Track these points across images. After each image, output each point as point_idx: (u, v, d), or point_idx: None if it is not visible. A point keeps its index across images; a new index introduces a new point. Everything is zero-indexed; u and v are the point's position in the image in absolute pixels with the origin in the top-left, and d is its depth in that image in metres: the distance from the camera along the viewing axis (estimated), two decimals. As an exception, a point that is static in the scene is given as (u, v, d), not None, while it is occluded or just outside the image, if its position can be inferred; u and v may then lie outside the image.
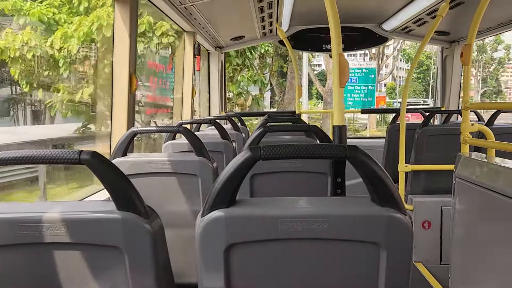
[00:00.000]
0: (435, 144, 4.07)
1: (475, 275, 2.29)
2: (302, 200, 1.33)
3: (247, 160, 1.24)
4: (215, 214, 1.22)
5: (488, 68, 61.75)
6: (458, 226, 2.49)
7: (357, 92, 16.50)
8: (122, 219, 1.20)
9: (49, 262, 1.22)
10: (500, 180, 2.04)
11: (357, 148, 1.25)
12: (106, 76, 7.89)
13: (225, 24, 5.30)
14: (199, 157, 2.43)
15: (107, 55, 7.97)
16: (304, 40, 6.18)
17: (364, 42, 6.20)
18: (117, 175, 1.24)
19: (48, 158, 1.22)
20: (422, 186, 4.11)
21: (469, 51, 2.91)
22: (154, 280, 1.23)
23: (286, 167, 2.42)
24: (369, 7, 5.35)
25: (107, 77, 7.72)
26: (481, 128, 2.86)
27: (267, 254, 1.25)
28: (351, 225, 1.22)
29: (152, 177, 2.41)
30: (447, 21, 5.01)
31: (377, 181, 1.24)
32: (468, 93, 2.91)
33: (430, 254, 3.85)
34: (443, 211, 3.82)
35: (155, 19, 8.61)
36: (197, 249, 1.23)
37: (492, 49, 59.06)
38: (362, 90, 16.47)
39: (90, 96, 8.11)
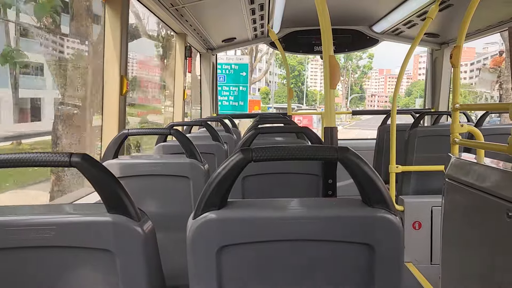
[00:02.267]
0: (425, 145, 4.11)
1: (465, 275, 2.31)
2: (294, 201, 1.33)
3: (238, 162, 1.24)
4: (207, 216, 1.22)
5: (353, 75, 64.71)
6: (448, 226, 2.51)
7: (226, 94, 12.82)
8: (113, 222, 1.20)
9: (39, 266, 1.21)
10: (489, 180, 2.06)
11: (348, 150, 1.25)
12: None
13: (216, 26, 5.30)
14: (191, 159, 2.42)
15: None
16: (295, 42, 6.20)
17: (355, 44, 6.24)
18: (107, 177, 1.23)
19: (38, 161, 1.21)
20: (412, 187, 4.14)
21: (458, 53, 2.94)
22: (145, 283, 1.22)
23: (277, 169, 2.42)
24: (359, 9, 5.38)
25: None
26: (470, 129, 2.89)
27: (259, 255, 1.25)
28: (342, 226, 1.22)
29: (143, 179, 2.39)
30: (437, 23, 5.06)
31: (368, 182, 1.24)
32: (458, 94, 2.94)
33: (421, 254, 3.88)
34: (433, 212, 3.85)
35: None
36: (189, 251, 1.22)
37: (357, 57, 61.31)
38: (232, 91, 12.92)
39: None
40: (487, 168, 2.13)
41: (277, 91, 62.77)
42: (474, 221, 2.20)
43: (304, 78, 62.83)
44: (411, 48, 4.14)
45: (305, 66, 61.52)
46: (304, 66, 61.62)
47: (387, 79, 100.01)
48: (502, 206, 1.88)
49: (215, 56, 6.55)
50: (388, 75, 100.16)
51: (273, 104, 44.64)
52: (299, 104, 52.49)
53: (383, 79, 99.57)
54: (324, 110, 2.56)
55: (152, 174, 2.41)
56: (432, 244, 3.87)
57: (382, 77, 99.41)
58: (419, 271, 3.74)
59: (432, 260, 3.86)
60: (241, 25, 5.14)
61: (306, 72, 62.58)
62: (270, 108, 40.21)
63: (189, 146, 2.45)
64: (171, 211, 2.35)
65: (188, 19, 4.42)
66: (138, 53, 10.01)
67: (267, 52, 29.46)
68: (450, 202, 2.47)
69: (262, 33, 5.84)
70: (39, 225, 1.18)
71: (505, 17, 4.44)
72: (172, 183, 2.39)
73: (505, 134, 2.23)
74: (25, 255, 1.20)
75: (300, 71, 61.33)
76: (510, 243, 1.86)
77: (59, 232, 1.19)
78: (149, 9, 3.73)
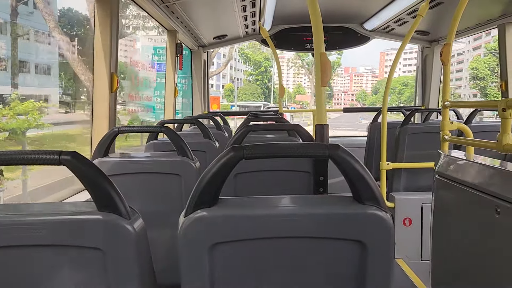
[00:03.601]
0: (415, 142, 4.14)
1: (455, 271, 2.33)
2: (285, 198, 1.33)
3: (230, 160, 1.24)
4: (198, 214, 1.22)
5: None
6: (438, 222, 2.53)
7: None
8: (103, 220, 1.19)
9: (29, 264, 1.20)
10: (478, 177, 2.08)
11: (339, 147, 1.26)
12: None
13: (207, 23, 5.28)
14: (182, 157, 2.41)
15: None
16: (286, 40, 6.20)
17: (346, 41, 6.26)
18: (97, 175, 1.22)
19: (27, 159, 1.20)
20: (403, 184, 4.17)
21: (448, 51, 2.96)
22: (136, 281, 1.22)
23: (269, 166, 2.42)
24: (351, 7, 5.40)
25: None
26: (460, 126, 2.91)
27: (250, 253, 1.25)
28: (333, 223, 1.23)
29: (134, 177, 2.38)
30: (427, 21, 5.09)
31: (359, 179, 1.25)
32: (448, 91, 2.96)
33: (411, 250, 3.91)
34: (424, 208, 3.88)
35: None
36: (180, 249, 1.22)
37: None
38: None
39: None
40: (476, 165, 2.15)
41: (242, 88, 60.87)
42: (464, 218, 2.22)
43: (271, 75, 61.16)
44: (401, 46, 4.16)
45: (271, 62, 59.62)
46: (271, 62, 59.86)
47: (352, 77, 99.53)
48: (491, 202, 1.90)
49: (207, 54, 6.54)
50: (353, 73, 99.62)
51: (236, 102, 43.28)
52: (266, 102, 50.96)
53: (349, 77, 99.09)
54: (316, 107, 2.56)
55: (142, 172, 2.40)
56: (422, 241, 3.91)
57: (348, 75, 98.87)
58: (409, 267, 3.78)
59: (423, 256, 3.89)
60: (232, 22, 5.13)
61: (273, 69, 60.57)
62: (233, 106, 38.76)
63: (180, 143, 2.44)
64: (162, 209, 2.34)
65: (179, 15, 4.39)
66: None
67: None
68: (440, 199, 2.49)
69: (254, 30, 5.83)
70: (28, 224, 1.17)
71: (494, 15, 4.48)
72: (163, 181, 2.38)
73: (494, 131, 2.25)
74: (14, 253, 1.19)
75: (266, 68, 59.90)
76: (499, 239, 1.88)
77: (49, 231, 1.18)
78: (140, 6, 3.71)
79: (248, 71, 61.87)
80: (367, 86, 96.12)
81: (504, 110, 1.98)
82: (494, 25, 4.64)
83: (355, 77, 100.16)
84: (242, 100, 51.73)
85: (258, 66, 58.52)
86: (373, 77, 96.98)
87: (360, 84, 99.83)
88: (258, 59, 58.03)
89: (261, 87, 59.20)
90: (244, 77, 64.01)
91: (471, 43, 58.79)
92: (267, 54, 57.24)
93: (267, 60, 59.18)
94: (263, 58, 58.57)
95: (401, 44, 4.16)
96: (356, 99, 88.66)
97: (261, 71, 58.78)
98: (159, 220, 2.22)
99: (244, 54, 57.53)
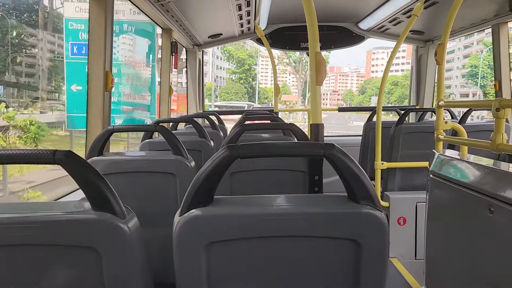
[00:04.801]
0: (410, 142, 4.15)
1: (448, 269, 2.35)
2: (280, 198, 1.33)
3: (225, 159, 1.24)
4: (193, 213, 1.21)
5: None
6: (432, 222, 2.54)
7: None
8: (98, 219, 1.18)
9: (23, 264, 1.19)
10: (472, 176, 2.09)
11: (334, 146, 1.26)
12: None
13: (202, 22, 5.27)
14: (177, 156, 2.41)
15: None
16: (282, 38, 6.20)
17: (341, 40, 6.27)
18: (92, 174, 1.22)
19: (21, 158, 1.20)
20: (397, 183, 4.19)
21: (443, 50, 2.97)
22: (131, 280, 1.22)
23: (264, 165, 2.42)
24: (346, 6, 5.41)
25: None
26: (454, 126, 2.93)
27: (245, 252, 1.25)
28: (328, 222, 1.23)
29: (128, 176, 2.37)
30: (422, 21, 5.11)
31: (354, 178, 1.25)
32: (442, 91, 2.97)
33: (405, 249, 3.92)
34: (418, 207, 3.90)
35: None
36: (175, 249, 1.22)
37: (309, 53, 59.92)
38: (123, 76, 8.47)
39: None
40: (470, 164, 2.17)
41: (225, 87, 58.51)
42: (458, 217, 2.23)
43: (255, 73, 59.28)
44: (396, 45, 4.17)
45: (255, 59, 57.81)
46: (255, 60, 58.13)
47: (337, 77, 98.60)
48: (484, 201, 1.91)
49: (202, 52, 6.52)
50: (338, 73, 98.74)
51: (214, 102, 41.11)
52: (250, 102, 49.71)
53: (334, 76, 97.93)
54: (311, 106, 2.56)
55: (137, 171, 2.39)
56: (416, 240, 3.92)
57: (333, 75, 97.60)
58: (403, 266, 3.79)
59: (417, 255, 3.91)
60: (227, 21, 5.12)
61: (257, 67, 58.86)
62: (211, 107, 36.27)
63: (175, 143, 2.43)
64: (157, 208, 2.33)
65: (174, 14, 4.38)
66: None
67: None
68: (434, 198, 2.50)
69: (249, 29, 5.83)
70: (23, 223, 1.17)
71: (488, 15, 4.51)
72: (158, 180, 2.37)
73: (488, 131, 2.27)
74: (8, 253, 1.18)
75: (251, 65, 57.87)
76: (492, 238, 1.90)
77: (43, 230, 1.17)
78: (135, 4, 3.69)
79: (231, 69, 59.86)
80: (352, 85, 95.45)
81: (498, 109, 1.99)
82: (488, 25, 4.67)
83: (340, 77, 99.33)
84: (225, 100, 50.45)
85: (241, 64, 56.68)
86: (358, 76, 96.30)
87: (345, 83, 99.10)
88: (242, 57, 56.07)
89: (245, 86, 57.06)
90: (227, 76, 61.93)
91: (462, 41, 58.73)
92: (251, 51, 55.07)
93: (251, 57, 57.01)
94: (247, 56, 56.43)
95: (396, 44, 4.17)
96: (343, 98, 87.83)
97: (245, 69, 56.94)
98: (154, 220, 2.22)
99: (226, 51, 55.48)
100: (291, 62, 57.19)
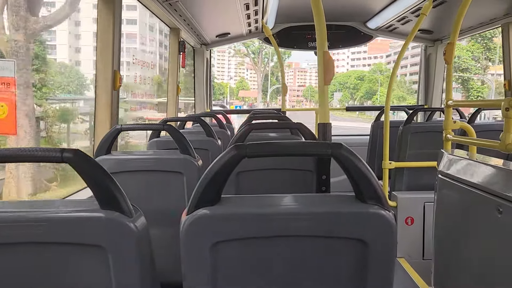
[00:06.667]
0: (418, 141, 4.13)
1: (456, 270, 2.33)
2: (287, 197, 1.33)
3: (232, 158, 1.24)
4: (200, 212, 1.22)
5: (268, 63, 54.70)
6: (440, 222, 2.53)
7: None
8: (106, 217, 1.19)
9: (30, 262, 1.20)
10: (480, 176, 2.08)
11: (342, 146, 1.25)
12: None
13: (210, 21, 5.27)
14: (184, 155, 2.41)
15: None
16: (289, 38, 6.19)
17: (349, 40, 6.24)
18: (100, 173, 1.22)
19: (30, 156, 1.20)
20: (405, 183, 4.16)
21: (451, 50, 2.95)
22: (138, 279, 1.22)
23: (271, 165, 2.42)
24: (354, 5, 5.38)
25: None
26: (463, 126, 2.91)
27: (252, 251, 1.25)
28: (335, 222, 1.23)
29: (136, 175, 2.38)
30: (431, 20, 5.08)
31: (361, 178, 1.25)
32: (451, 91, 2.95)
33: (413, 249, 3.90)
34: (426, 207, 3.88)
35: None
36: (182, 248, 1.22)
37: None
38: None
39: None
40: (479, 165, 2.15)
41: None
42: (466, 217, 2.22)
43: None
44: (404, 45, 4.15)
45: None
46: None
47: (296, 73, 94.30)
48: (493, 202, 1.89)
49: (209, 52, 6.53)
50: (297, 68, 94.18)
51: (157, 99, 38.72)
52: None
53: (292, 72, 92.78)
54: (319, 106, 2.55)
55: (145, 169, 2.40)
56: (424, 240, 3.90)
57: (291, 71, 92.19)
58: (411, 267, 3.77)
59: (424, 255, 3.89)
60: (235, 20, 5.12)
61: (213, 61, 55.98)
62: None
63: (183, 141, 2.44)
64: (164, 207, 2.34)
65: (181, 13, 4.39)
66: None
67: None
68: (442, 198, 2.49)
69: (256, 28, 5.82)
70: (30, 221, 1.17)
71: (498, 14, 4.47)
72: (166, 179, 2.38)
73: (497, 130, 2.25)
74: (16, 251, 1.19)
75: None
76: (501, 239, 1.88)
77: (51, 228, 1.18)
78: (142, 3, 3.71)
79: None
80: (311, 81, 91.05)
81: (507, 109, 1.97)
82: (498, 24, 4.63)
83: (298, 73, 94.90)
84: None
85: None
86: (317, 72, 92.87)
87: (304, 79, 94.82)
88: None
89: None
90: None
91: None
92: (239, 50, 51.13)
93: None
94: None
95: (404, 43, 4.14)
96: (303, 95, 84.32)
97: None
98: (161, 218, 2.22)
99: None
100: (249, 53, 52.07)
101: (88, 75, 16.94)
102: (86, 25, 17.60)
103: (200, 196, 1.23)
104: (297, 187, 2.43)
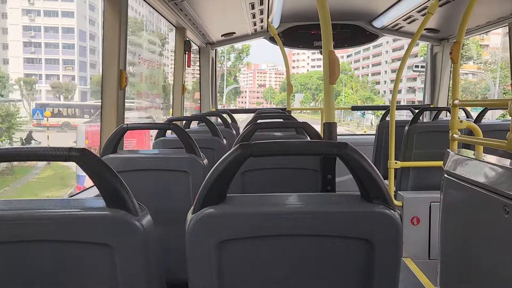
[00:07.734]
0: (424, 141, 4.11)
1: (462, 270, 2.32)
2: (293, 196, 1.33)
3: (238, 157, 1.24)
4: (206, 211, 1.22)
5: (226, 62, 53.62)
6: (446, 222, 2.51)
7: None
8: (112, 216, 1.20)
9: (37, 260, 1.21)
10: (487, 176, 2.06)
11: (347, 145, 1.25)
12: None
13: (216, 20, 5.28)
14: (190, 154, 2.42)
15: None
16: (295, 37, 6.18)
17: (354, 39, 6.22)
18: (106, 172, 1.23)
19: (37, 155, 1.21)
20: (411, 183, 4.14)
21: (458, 49, 2.94)
22: (144, 277, 1.23)
23: (277, 164, 2.42)
24: (359, 4, 5.37)
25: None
26: (469, 125, 2.89)
27: (258, 250, 1.25)
28: (341, 222, 1.23)
29: (142, 173, 2.39)
30: (437, 19, 5.05)
31: (367, 177, 1.25)
32: (457, 90, 2.94)
33: (419, 249, 3.89)
34: (432, 207, 3.86)
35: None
36: (188, 246, 1.23)
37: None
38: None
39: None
40: (485, 164, 2.14)
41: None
42: (472, 217, 2.21)
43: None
44: (410, 44, 4.13)
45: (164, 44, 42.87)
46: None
47: (255, 74, 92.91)
48: (499, 202, 1.88)
49: (215, 51, 6.54)
50: (256, 70, 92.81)
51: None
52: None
53: (252, 74, 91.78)
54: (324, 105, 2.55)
55: (151, 168, 2.41)
56: (430, 240, 3.88)
57: (251, 72, 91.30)
58: (417, 266, 3.76)
59: (430, 255, 3.87)
60: (240, 19, 5.12)
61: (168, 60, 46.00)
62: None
63: (188, 141, 2.45)
64: (170, 206, 2.35)
65: (187, 13, 4.40)
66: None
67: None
68: (449, 198, 2.48)
69: (262, 27, 5.82)
70: (37, 219, 1.18)
71: (505, 13, 4.43)
72: (171, 178, 2.39)
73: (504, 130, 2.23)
74: (22, 249, 1.20)
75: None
76: (507, 239, 1.87)
77: (57, 226, 1.19)
78: (148, 3, 3.72)
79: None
80: (271, 83, 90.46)
81: None
82: (505, 23, 4.59)
83: (258, 74, 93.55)
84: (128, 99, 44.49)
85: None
86: (276, 74, 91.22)
87: (264, 81, 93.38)
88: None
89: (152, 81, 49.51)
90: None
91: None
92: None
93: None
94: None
95: (411, 42, 4.12)
96: (263, 96, 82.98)
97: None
98: (167, 217, 2.23)
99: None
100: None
101: (13, 74, 15.98)
102: (15, 18, 16.52)
103: (206, 195, 1.24)
104: (302, 186, 2.43)
